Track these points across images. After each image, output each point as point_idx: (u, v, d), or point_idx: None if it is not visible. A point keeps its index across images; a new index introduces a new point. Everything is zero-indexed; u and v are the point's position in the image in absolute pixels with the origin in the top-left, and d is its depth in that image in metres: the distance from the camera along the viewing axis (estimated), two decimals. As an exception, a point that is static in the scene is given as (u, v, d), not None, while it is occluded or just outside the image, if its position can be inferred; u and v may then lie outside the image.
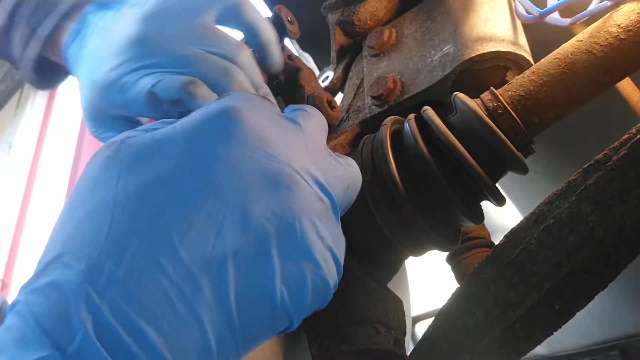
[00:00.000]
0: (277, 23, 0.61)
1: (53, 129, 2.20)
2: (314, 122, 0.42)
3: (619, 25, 0.48)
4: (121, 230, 0.29)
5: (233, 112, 0.34)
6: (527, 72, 0.51)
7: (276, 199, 0.33)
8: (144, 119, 0.54)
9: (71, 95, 2.30)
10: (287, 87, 0.66)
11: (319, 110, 0.59)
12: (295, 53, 0.69)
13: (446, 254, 0.65)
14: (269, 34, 0.55)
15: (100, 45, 0.50)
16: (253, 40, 0.54)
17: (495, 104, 0.49)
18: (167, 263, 0.28)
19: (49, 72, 0.60)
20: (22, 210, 2.03)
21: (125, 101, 0.48)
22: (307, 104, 0.61)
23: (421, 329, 1.46)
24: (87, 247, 0.29)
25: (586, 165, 0.44)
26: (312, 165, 0.36)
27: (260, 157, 0.33)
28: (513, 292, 0.44)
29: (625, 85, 0.65)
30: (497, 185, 0.49)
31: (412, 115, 0.53)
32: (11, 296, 1.79)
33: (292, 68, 0.65)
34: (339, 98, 0.74)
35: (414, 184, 0.49)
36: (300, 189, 0.34)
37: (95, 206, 0.31)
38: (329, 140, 0.64)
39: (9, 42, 0.56)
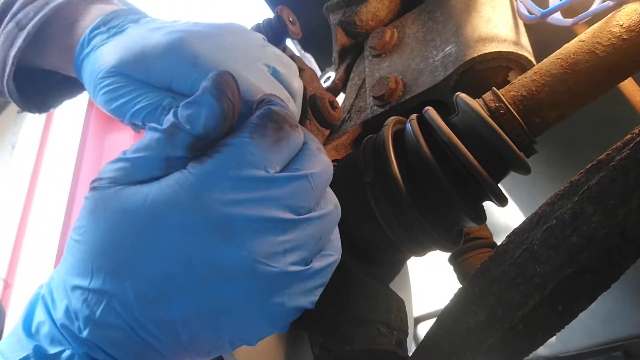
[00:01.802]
0: (279, 23, 0.61)
1: (56, 129, 2.20)
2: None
3: (621, 25, 0.47)
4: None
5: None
6: (529, 73, 0.51)
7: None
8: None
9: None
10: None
11: (320, 110, 0.60)
12: (297, 53, 0.69)
13: (448, 254, 0.65)
14: (299, 87, 0.55)
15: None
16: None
17: (497, 105, 0.49)
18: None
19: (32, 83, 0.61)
20: (25, 210, 2.03)
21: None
22: (309, 104, 0.61)
23: (423, 329, 1.46)
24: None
25: (589, 165, 0.44)
26: None
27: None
28: (516, 293, 0.44)
29: (628, 86, 0.65)
30: (499, 185, 0.49)
31: (414, 116, 0.53)
32: (15, 295, 1.79)
33: (294, 68, 0.65)
34: (340, 98, 0.74)
35: (416, 185, 0.49)
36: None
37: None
38: (330, 140, 0.64)
39: None
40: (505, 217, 1.06)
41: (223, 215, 0.34)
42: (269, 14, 0.63)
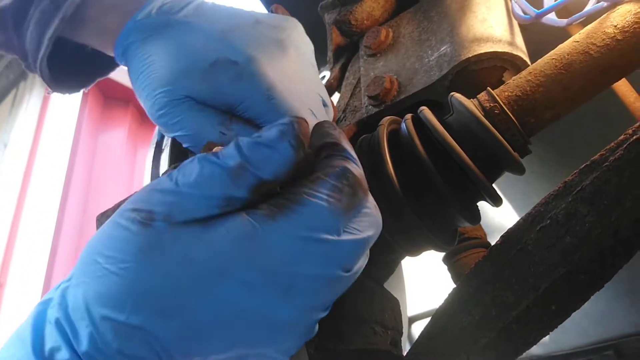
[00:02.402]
0: None
1: (48, 128, 2.19)
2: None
3: (615, 26, 0.48)
4: None
5: None
6: (523, 73, 0.51)
7: None
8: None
9: (66, 95, 2.29)
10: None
11: None
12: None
13: (443, 254, 0.65)
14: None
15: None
16: None
17: (492, 105, 0.49)
18: None
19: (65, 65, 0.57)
20: (17, 210, 2.02)
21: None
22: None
23: (418, 329, 1.46)
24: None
25: (583, 165, 0.44)
26: None
27: None
28: (509, 293, 0.44)
29: (622, 86, 0.65)
30: (493, 185, 0.49)
31: (409, 116, 0.53)
32: (7, 296, 1.78)
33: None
34: (335, 98, 0.74)
35: (411, 184, 0.49)
36: None
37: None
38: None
39: (20, 24, 0.52)
40: (499, 217, 1.06)
41: (288, 277, 0.33)
42: (264, 12, 0.62)
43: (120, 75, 2.56)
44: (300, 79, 0.49)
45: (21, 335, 0.34)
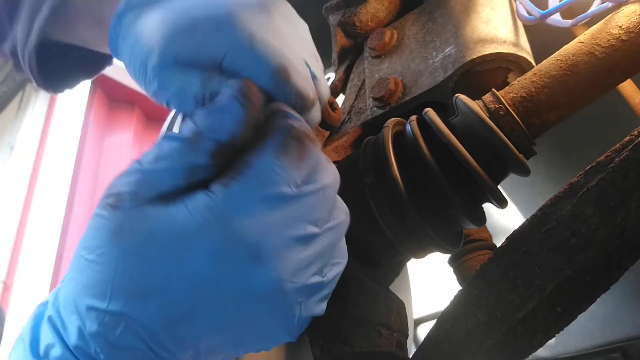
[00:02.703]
0: None
1: (55, 131, 2.20)
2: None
3: (620, 26, 0.47)
4: None
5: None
6: (528, 74, 0.51)
7: None
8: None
9: (72, 97, 2.30)
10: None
11: (320, 111, 0.59)
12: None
13: (448, 256, 0.65)
14: (326, 92, 0.51)
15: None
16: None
17: (497, 106, 0.49)
18: None
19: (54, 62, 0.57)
20: (24, 212, 2.03)
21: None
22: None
23: (423, 331, 1.46)
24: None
25: (588, 167, 0.44)
26: None
27: None
28: (515, 295, 0.44)
29: (627, 87, 0.65)
30: (498, 187, 0.49)
31: (413, 117, 0.53)
32: (13, 298, 1.79)
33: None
34: (340, 100, 0.74)
35: (416, 186, 0.49)
36: None
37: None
38: (330, 142, 0.64)
39: (14, 19, 0.52)
40: (504, 219, 1.06)
41: (252, 239, 0.34)
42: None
43: (125, 77, 2.57)
44: (286, 35, 0.47)
45: (22, 336, 0.35)
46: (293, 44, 0.47)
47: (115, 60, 0.57)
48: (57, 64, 0.59)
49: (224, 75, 0.44)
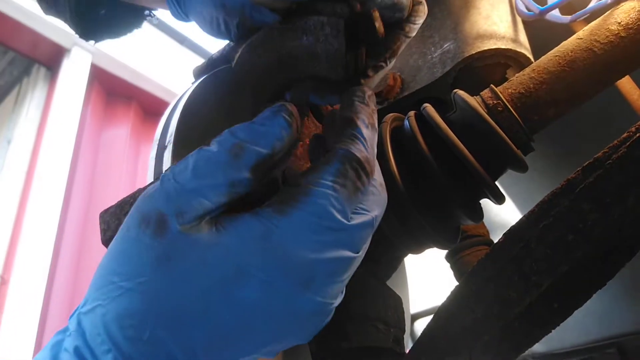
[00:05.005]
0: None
1: (52, 124, 2.19)
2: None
3: (619, 23, 0.47)
4: None
5: None
6: (527, 70, 0.51)
7: None
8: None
9: (70, 90, 2.29)
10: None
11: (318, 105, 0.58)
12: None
13: (445, 251, 0.65)
14: None
15: None
16: None
17: (495, 102, 0.49)
18: None
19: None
20: (21, 206, 2.03)
21: None
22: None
23: (420, 326, 1.46)
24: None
25: (586, 163, 0.44)
26: None
27: None
28: (512, 290, 0.44)
29: (625, 84, 0.65)
30: (496, 182, 0.49)
31: (412, 113, 0.53)
32: (10, 293, 1.79)
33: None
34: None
35: (414, 182, 0.49)
36: None
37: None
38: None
39: None
40: (502, 215, 1.06)
41: (306, 269, 0.33)
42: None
43: (123, 71, 2.57)
44: None
45: None
46: None
47: (113, 54, 0.56)
48: (99, 13, 0.58)
49: None
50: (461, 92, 0.50)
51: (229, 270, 0.32)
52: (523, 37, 0.59)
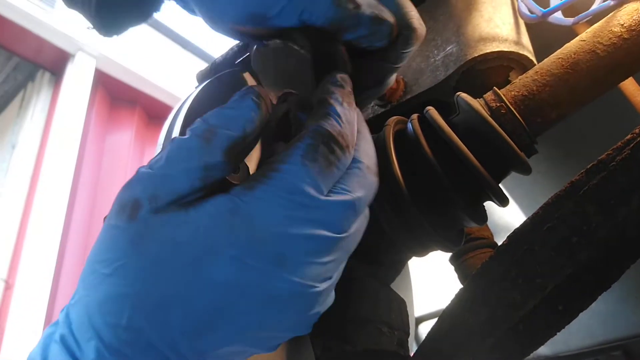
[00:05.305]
0: None
1: (56, 129, 2.20)
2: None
3: (622, 24, 0.47)
4: None
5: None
6: (530, 72, 0.51)
7: None
8: None
9: (74, 95, 2.30)
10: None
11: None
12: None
13: (449, 254, 0.65)
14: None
15: None
16: None
17: (498, 104, 0.49)
18: None
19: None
20: (25, 210, 2.03)
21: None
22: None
23: (424, 329, 1.46)
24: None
25: (589, 165, 0.44)
26: None
27: None
28: (516, 293, 0.44)
29: (629, 85, 0.65)
30: (500, 185, 0.49)
31: (415, 116, 0.53)
32: (15, 297, 1.79)
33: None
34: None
35: (417, 185, 0.49)
36: None
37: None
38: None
39: None
40: (506, 217, 1.06)
41: (278, 245, 0.33)
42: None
43: (127, 76, 2.58)
44: None
45: (31, 357, 0.34)
46: None
47: (116, 59, 0.55)
48: (114, 7, 0.58)
49: None
50: (464, 95, 0.50)
51: (199, 249, 0.32)
52: (526, 39, 0.60)
